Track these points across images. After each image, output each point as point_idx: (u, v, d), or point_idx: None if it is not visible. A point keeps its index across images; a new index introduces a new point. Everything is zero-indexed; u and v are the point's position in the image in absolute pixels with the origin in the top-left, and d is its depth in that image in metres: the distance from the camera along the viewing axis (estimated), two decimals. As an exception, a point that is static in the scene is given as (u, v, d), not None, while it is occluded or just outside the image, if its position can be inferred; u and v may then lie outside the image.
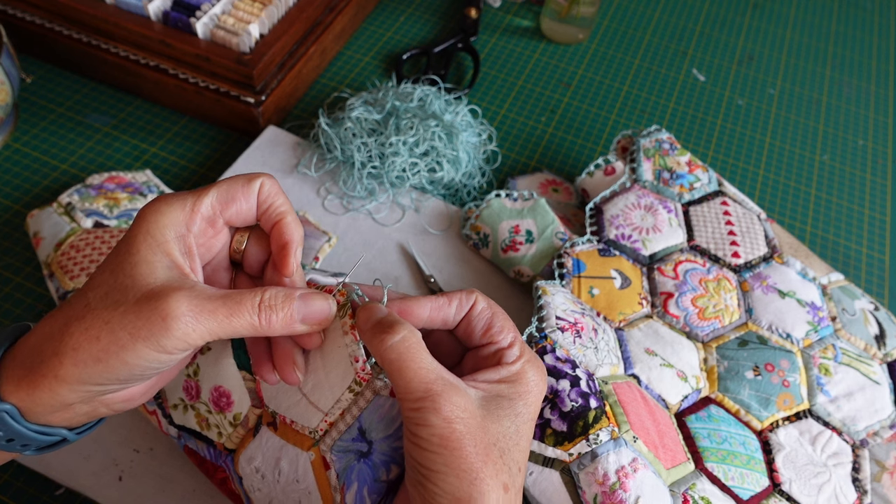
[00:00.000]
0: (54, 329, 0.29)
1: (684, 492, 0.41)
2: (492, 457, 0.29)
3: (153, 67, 0.65)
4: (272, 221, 0.33)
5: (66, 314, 0.29)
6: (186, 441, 0.41)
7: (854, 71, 0.85)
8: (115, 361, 0.28)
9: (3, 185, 0.61)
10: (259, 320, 0.29)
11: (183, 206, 0.31)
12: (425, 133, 0.61)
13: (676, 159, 0.61)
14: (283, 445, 0.36)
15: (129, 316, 0.27)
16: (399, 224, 0.61)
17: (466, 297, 0.33)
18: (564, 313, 0.46)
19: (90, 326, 0.28)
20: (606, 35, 0.85)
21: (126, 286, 0.28)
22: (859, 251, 0.67)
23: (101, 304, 0.28)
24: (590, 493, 0.38)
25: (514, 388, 0.31)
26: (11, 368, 0.29)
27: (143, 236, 0.30)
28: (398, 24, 0.82)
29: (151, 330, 0.27)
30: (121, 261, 0.29)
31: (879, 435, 0.49)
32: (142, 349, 0.27)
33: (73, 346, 0.28)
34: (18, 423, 0.29)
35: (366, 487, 0.33)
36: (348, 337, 0.33)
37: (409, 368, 0.29)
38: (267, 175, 0.33)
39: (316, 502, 0.35)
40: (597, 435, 0.39)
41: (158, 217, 0.30)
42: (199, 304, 0.28)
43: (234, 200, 0.32)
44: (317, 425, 0.34)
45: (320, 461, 0.34)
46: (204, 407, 0.38)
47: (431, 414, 0.28)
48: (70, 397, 0.29)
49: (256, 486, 0.37)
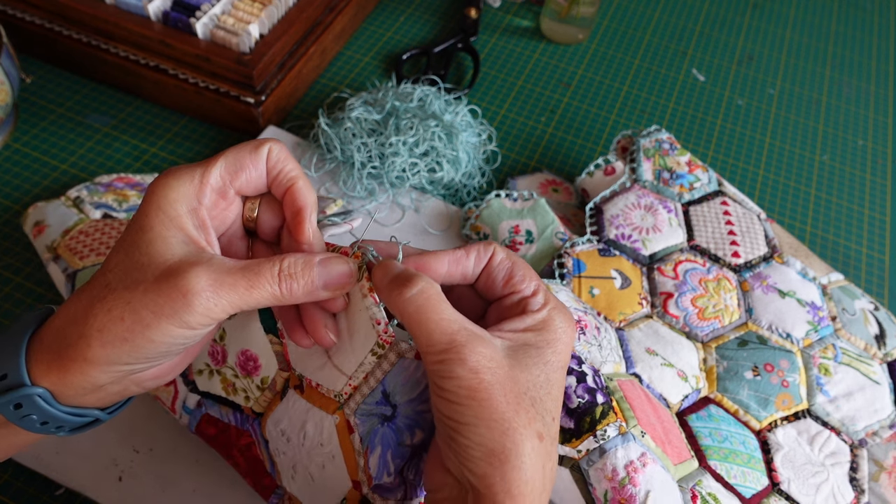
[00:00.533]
0: (78, 311, 0.28)
1: (692, 487, 0.41)
2: (523, 405, 0.28)
3: (153, 67, 0.65)
4: (283, 187, 0.32)
5: (88, 296, 0.29)
6: (209, 409, 0.40)
7: (854, 71, 0.85)
8: (141, 340, 0.28)
9: (3, 185, 0.61)
10: (280, 290, 0.29)
11: (192, 179, 0.30)
12: (425, 133, 0.61)
13: (676, 159, 0.61)
14: (309, 409, 0.35)
15: (149, 294, 0.27)
16: (399, 224, 0.61)
17: (484, 248, 0.33)
18: (564, 313, 0.46)
19: (112, 307, 0.28)
20: (606, 35, 0.85)
21: (143, 264, 0.28)
22: (859, 251, 0.67)
23: (120, 285, 0.28)
24: (600, 489, 0.38)
25: (541, 335, 0.30)
26: (40, 352, 0.29)
27: (156, 213, 0.29)
28: (398, 24, 0.82)
29: (174, 307, 0.27)
30: (135, 239, 0.29)
31: (879, 435, 0.49)
32: (166, 327, 0.27)
33: (98, 328, 0.28)
34: (52, 406, 0.29)
35: (389, 451, 0.33)
36: (368, 300, 0.32)
37: (431, 320, 0.28)
38: (274, 140, 0.32)
39: (339, 466, 0.34)
40: (604, 430, 0.38)
41: (168, 192, 0.30)
42: (219, 277, 0.28)
43: (243, 169, 0.32)
44: (341, 389, 0.34)
45: (344, 424, 0.34)
46: (230, 371, 0.38)
47: (457, 365, 0.27)
48: (101, 378, 0.29)
49: (282, 450, 0.37)
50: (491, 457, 0.27)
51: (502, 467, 0.27)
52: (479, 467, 0.27)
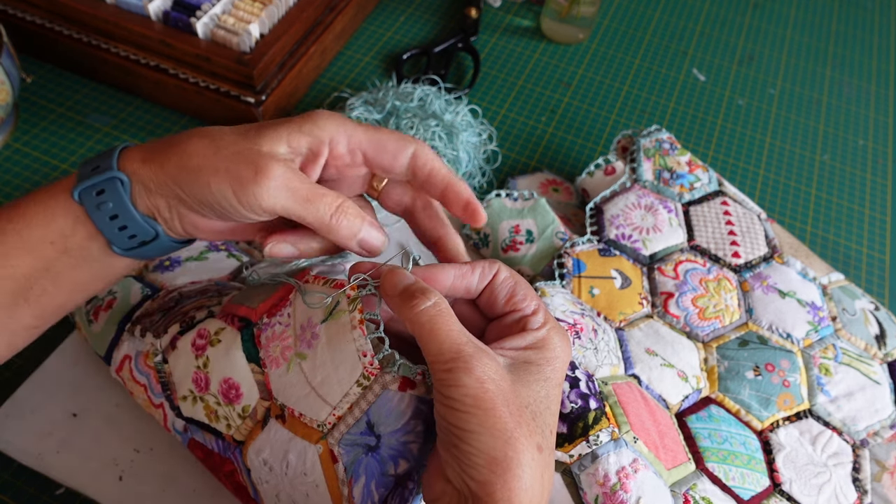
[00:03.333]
0: (185, 136, 0.33)
1: (685, 492, 0.41)
2: (524, 418, 0.29)
3: (153, 67, 0.65)
4: (440, 186, 0.35)
5: (206, 131, 0.33)
6: (193, 434, 0.41)
7: (854, 71, 0.85)
8: (202, 179, 0.31)
9: (4, 185, 0.61)
10: (330, 218, 0.32)
11: (343, 123, 0.34)
12: (425, 133, 0.61)
13: (677, 159, 0.61)
14: (291, 438, 0.36)
15: (236, 157, 0.31)
16: (399, 224, 0.61)
17: (489, 266, 0.34)
18: (563, 314, 0.46)
19: (208, 146, 0.32)
20: (607, 35, 0.85)
21: (252, 137, 0.32)
22: (859, 251, 0.67)
23: (227, 138, 0.32)
24: (591, 494, 0.38)
25: (541, 353, 0.32)
26: (135, 151, 0.33)
27: (293, 127, 0.33)
28: (398, 24, 0.82)
29: (241, 174, 0.31)
30: (263, 126, 0.33)
31: (880, 435, 0.49)
32: (223, 183, 0.31)
33: (189, 151, 0.32)
34: (126, 195, 0.33)
35: (373, 481, 0.33)
36: (357, 331, 0.33)
37: (441, 331, 0.30)
38: (422, 143, 0.35)
39: (323, 495, 0.35)
40: (597, 436, 0.39)
41: (319, 118, 0.33)
42: (290, 178, 0.31)
43: (382, 154, 0.34)
44: (325, 419, 0.34)
45: (328, 454, 0.34)
46: (213, 399, 0.38)
47: (464, 374, 0.29)
48: (162, 188, 0.33)
49: (264, 479, 0.37)
50: (493, 464, 0.28)
51: (504, 475, 0.28)
52: (482, 474, 0.28)
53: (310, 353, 0.35)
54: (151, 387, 0.42)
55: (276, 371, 0.36)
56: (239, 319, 0.39)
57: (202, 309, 0.42)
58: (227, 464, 0.40)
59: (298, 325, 0.36)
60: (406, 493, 0.33)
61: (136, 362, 0.43)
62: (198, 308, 0.43)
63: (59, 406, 0.47)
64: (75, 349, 0.49)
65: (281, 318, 0.38)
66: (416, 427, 0.34)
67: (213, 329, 0.40)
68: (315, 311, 0.36)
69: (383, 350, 0.33)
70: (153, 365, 0.42)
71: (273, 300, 0.39)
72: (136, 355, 0.43)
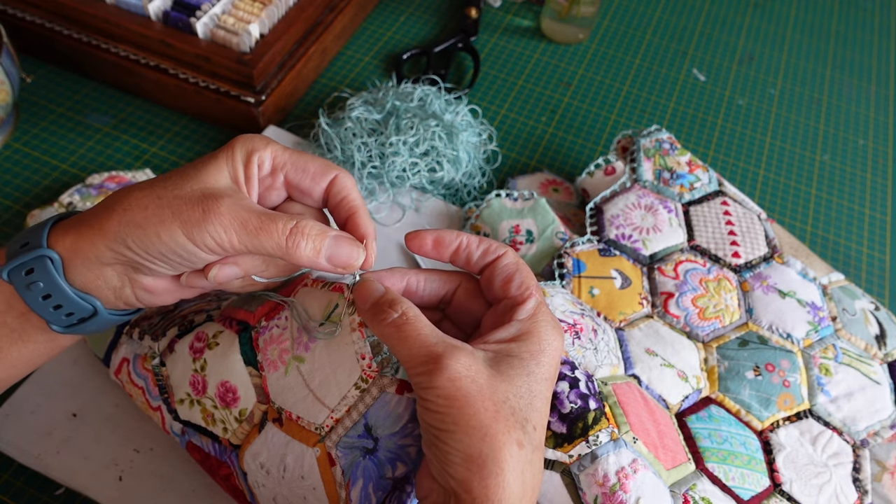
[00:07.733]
0: (119, 194, 0.32)
1: (685, 492, 0.41)
2: (502, 414, 0.29)
3: (153, 67, 0.65)
4: (345, 214, 0.34)
5: (136, 186, 0.32)
6: (191, 437, 0.41)
7: (854, 71, 0.85)
8: (150, 232, 0.30)
9: (3, 185, 0.61)
10: (286, 243, 0.31)
11: (269, 143, 0.34)
12: (425, 133, 0.61)
13: (677, 159, 0.61)
14: (288, 441, 0.35)
15: (178, 200, 0.30)
16: (399, 224, 0.61)
17: (498, 246, 0.34)
18: (563, 314, 0.46)
19: (145, 197, 0.31)
20: (607, 35, 0.85)
21: (190, 177, 0.31)
22: (859, 251, 0.67)
23: (162, 186, 0.31)
24: (590, 494, 0.38)
25: (524, 346, 0.31)
26: (66, 226, 0.32)
27: (227, 151, 0.33)
28: (398, 24, 0.82)
29: (190, 217, 0.30)
30: (201, 162, 0.32)
31: (880, 435, 0.48)
32: (175, 230, 0.30)
33: (125, 207, 0.31)
34: (58, 274, 0.31)
35: (371, 484, 0.33)
36: (356, 334, 0.33)
37: (410, 337, 0.30)
38: (345, 171, 0.35)
39: (321, 498, 0.35)
40: (596, 436, 0.38)
41: (247, 139, 0.33)
42: (238, 212, 0.30)
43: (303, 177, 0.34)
44: (323, 421, 0.34)
45: (326, 457, 0.34)
46: (210, 402, 0.38)
47: (435, 375, 0.29)
48: (106, 255, 0.31)
49: (261, 482, 0.37)
50: (469, 462, 0.28)
51: (480, 472, 0.28)
52: (459, 472, 0.28)
53: (308, 356, 0.35)
54: (149, 390, 0.42)
55: (274, 374, 0.36)
56: (237, 323, 0.39)
57: (201, 313, 0.42)
58: (224, 467, 0.40)
59: (296, 328, 0.36)
60: (403, 496, 0.33)
61: (133, 365, 0.43)
62: (197, 312, 0.43)
63: (58, 406, 0.47)
64: (75, 350, 0.49)
65: (279, 321, 0.37)
66: (413, 430, 0.34)
67: (212, 332, 0.40)
68: (313, 314, 0.36)
69: (381, 352, 0.33)
70: (151, 368, 0.41)
71: (271, 303, 0.39)
72: (133, 358, 0.43)
